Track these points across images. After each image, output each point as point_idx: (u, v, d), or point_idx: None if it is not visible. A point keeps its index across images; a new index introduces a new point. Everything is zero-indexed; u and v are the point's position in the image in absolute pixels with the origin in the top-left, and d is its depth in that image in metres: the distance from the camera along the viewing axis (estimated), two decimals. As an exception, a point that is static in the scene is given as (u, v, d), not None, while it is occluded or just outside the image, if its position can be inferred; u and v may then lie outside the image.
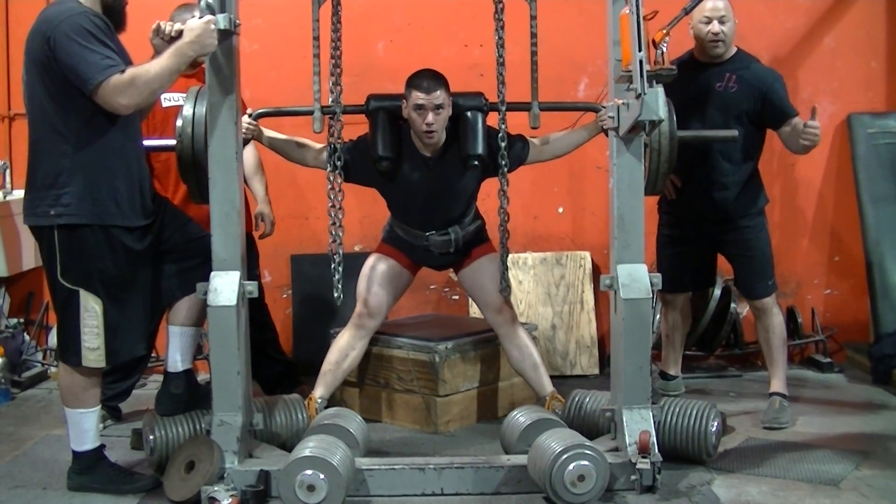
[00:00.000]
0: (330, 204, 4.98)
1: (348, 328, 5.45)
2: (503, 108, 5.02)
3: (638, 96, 4.13)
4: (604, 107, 4.92)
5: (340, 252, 4.97)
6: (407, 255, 5.48)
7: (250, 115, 5.04)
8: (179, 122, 4.73)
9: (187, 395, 4.79)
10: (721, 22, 5.42)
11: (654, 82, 4.22)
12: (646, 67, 4.10)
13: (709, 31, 5.42)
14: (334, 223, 4.98)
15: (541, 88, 5.12)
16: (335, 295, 4.96)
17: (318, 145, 5.15)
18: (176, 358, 4.78)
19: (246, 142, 4.93)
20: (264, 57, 6.64)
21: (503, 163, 5.01)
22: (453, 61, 5.21)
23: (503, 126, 5.00)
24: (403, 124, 5.16)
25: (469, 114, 5.16)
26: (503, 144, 5.00)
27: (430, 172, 5.19)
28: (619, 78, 4.44)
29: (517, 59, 5.05)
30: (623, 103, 4.48)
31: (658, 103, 4.15)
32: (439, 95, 4.98)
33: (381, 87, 5.34)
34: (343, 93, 5.04)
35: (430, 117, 4.99)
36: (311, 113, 5.05)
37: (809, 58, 6.87)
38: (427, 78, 5.01)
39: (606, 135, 4.87)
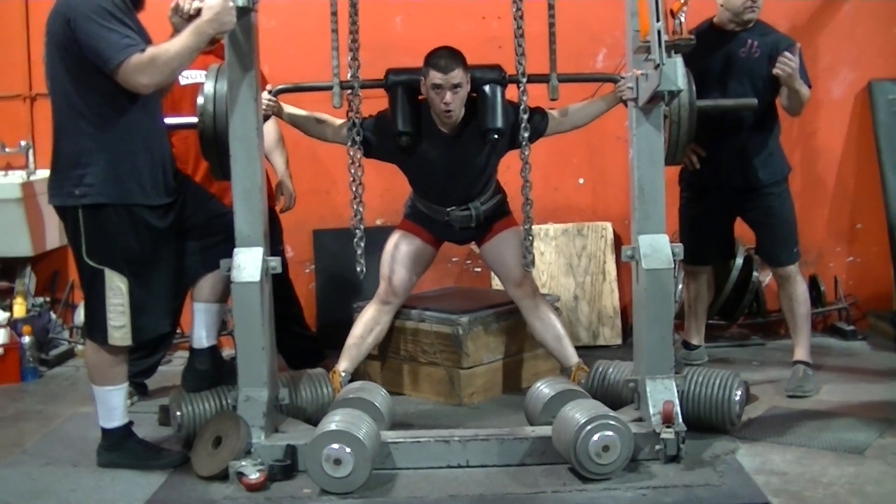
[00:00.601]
0: (351, 179, 5.00)
1: (373, 303, 5.48)
2: (523, 81, 4.98)
3: (656, 67, 4.13)
4: (622, 77, 4.91)
5: (362, 227, 4.98)
6: (429, 230, 5.49)
7: (270, 91, 5.05)
8: (200, 100, 4.75)
9: (213, 371, 4.83)
10: None
11: (673, 52, 4.21)
12: (664, 37, 4.09)
13: None
14: (355, 198, 5.00)
15: (559, 60, 5.11)
16: (358, 269, 4.97)
17: (338, 121, 5.16)
18: (201, 334, 4.82)
19: (266, 117, 4.94)
20: (282, 33, 6.64)
21: (525, 135, 4.98)
22: (471, 34, 5.22)
23: (524, 98, 4.97)
24: (423, 100, 5.17)
25: (488, 88, 5.14)
26: (524, 117, 4.96)
27: (450, 148, 5.19)
28: (637, 49, 4.43)
29: (535, 32, 5.04)
30: (642, 74, 4.47)
31: (677, 73, 4.15)
32: (456, 74, 4.97)
33: (399, 61, 5.32)
34: (361, 68, 5.03)
35: (448, 97, 4.99)
36: (330, 88, 5.05)
37: (829, 25, 6.83)
38: (444, 57, 5.00)
39: (625, 105, 4.86)
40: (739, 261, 6.41)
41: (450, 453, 4.53)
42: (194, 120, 4.83)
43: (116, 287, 4.43)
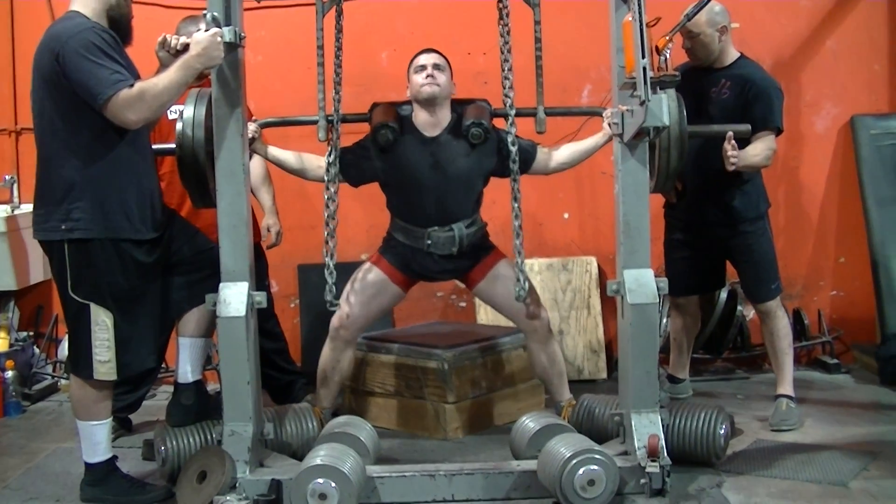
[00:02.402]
0: (327, 214, 4.97)
1: (327, 343, 5.39)
2: (511, 113, 4.96)
3: (642, 103, 4.15)
4: (606, 108, 4.95)
5: (333, 262, 4.95)
6: (402, 270, 5.34)
7: (255, 122, 5.07)
8: (179, 126, 4.73)
9: (198, 405, 4.81)
10: (689, 37, 5.44)
11: (658, 88, 4.24)
12: (649, 74, 4.11)
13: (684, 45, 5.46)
14: (330, 234, 4.97)
15: (544, 95, 5.14)
16: (327, 299, 4.95)
17: (321, 159, 5.12)
18: (186, 369, 4.81)
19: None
20: (269, 68, 6.68)
21: (514, 167, 4.94)
22: (457, 69, 5.22)
23: (512, 129, 4.95)
24: (405, 115, 5.20)
25: (474, 104, 5.24)
26: (513, 149, 4.92)
27: (433, 151, 5.14)
28: (622, 84, 4.44)
29: (520, 66, 5.05)
30: (627, 109, 4.50)
31: (662, 109, 4.17)
32: (438, 57, 5.13)
33: (384, 96, 5.35)
34: (347, 103, 5.07)
35: (430, 69, 5.08)
36: (315, 122, 5.07)
37: (812, 60, 6.89)
38: (425, 49, 5.19)
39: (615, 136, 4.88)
40: (724, 295, 6.45)
41: (435, 488, 4.51)
42: (173, 146, 4.81)
43: (102, 322, 4.42)
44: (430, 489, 4.51)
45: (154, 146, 4.89)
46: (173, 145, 4.82)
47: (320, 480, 4.19)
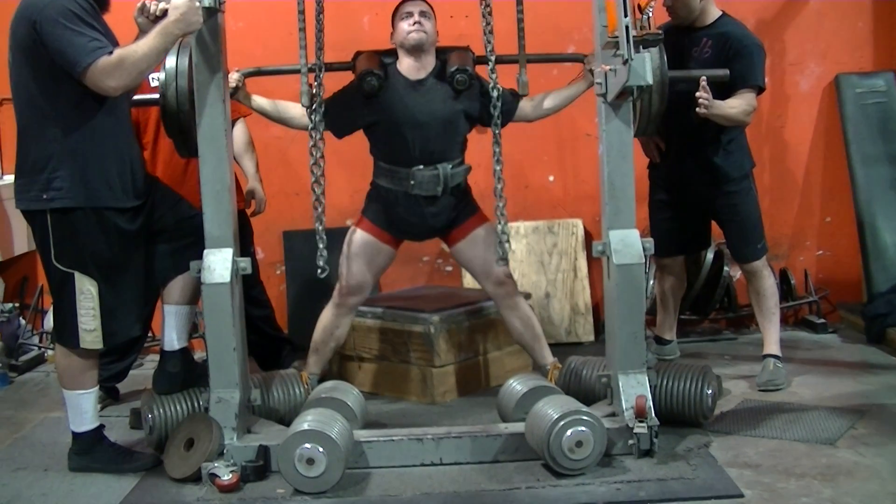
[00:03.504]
0: (312, 161, 4.94)
1: (329, 307, 5.39)
2: (492, 59, 4.96)
3: (625, 62, 4.13)
4: (588, 55, 5.03)
5: (322, 225, 4.93)
6: (386, 228, 5.32)
7: (237, 71, 5.06)
8: (162, 76, 4.70)
9: (184, 373, 4.80)
10: None
11: (641, 48, 4.22)
12: (632, 33, 4.10)
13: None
14: (318, 199, 4.94)
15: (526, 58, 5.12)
16: (319, 265, 4.92)
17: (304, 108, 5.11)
18: (172, 337, 4.79)
19: (232, 94, 4.94)
20: (250, 34, 6.63)
21: (496, 113, 4.95)
22: (439, 33, 5.21)
23: (493, 76, 4.96)
24: (390, 63, 5.21)
25: (458, 51, 5.25)
26: (494, 94, 4.95)
27: (418, 94, 5.14)
28: (605, 44, 4.44)
29: (502, 29, 5.03)
30: (610, 69, 4.47)
31: (645, 68, 4.15)
32: (425, 5, 5.16)
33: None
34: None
35: (417, 17, 5.09)
36: (297, 71, 5.03)
37: (795, 19, 6.86)
38: None
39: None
40: (710, 256, 6.45)
41: (423, 451, 4.52)
42: (156, 96, 4.79)
43: (87, 291, 4.41)
44: (417, 453, 4.52)
45: (137, 97, 4.88)
46: (156, 96, 4.79)
47: (308, 445, 4.19)
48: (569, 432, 4.26)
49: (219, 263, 4.58)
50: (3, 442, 5.15)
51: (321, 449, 4.19)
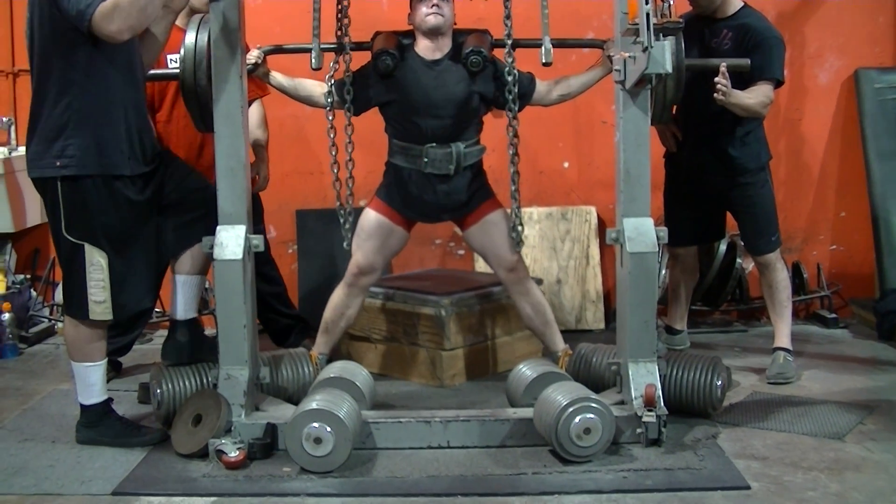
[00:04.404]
0: (333, 143, 5.02)
1: (341, 286, 5.36)
2: (510, 42, 4.97)
3: (644, 49, 4.11)
4: (608, 40, 5.01)
5: (350, 205, 4.98)
6: (399, 210, 5.31)
7: (258, 48, 5.07)
8: (182, 51, 4.73)
9: (192, 344, 4.81)
10: None
11: (661, 35, 4.20)
12: (652, 20, 4.08)
13: None
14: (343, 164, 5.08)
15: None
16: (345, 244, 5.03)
17: (324, 86, 5.13)
18: (182, 306, 4.80)
19: (251, 71, 4.94)
20: (268, 11, 6.61)
21: (511, 97, 4.97)
22: (458, 15, 5.17)
23: (510, 59, 4.97)
24: (407, 43, 5.20)
25: (475, 33, 5.21)
26: (510, 78, 4.95)
27: (433, 75, 5.13)
28: (625, 31, 4.41)
29: (521, 14, 5.02)
30: (629, 56, 4.45)
31: (665, 56, 4.13)
32: None
33: (385, 42, 5.30)
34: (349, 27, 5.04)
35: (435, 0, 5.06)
36: (326, 50, 5.07)
37: (816, 13, 6.83)
38: None
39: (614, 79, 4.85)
40: (723, 247, 6.43)
41: (431, 434, 4.52)
42: (176, 71, 4.84)
43: (97, 262, 4.41)
44: (425, 435, 4.52)
45: (154, 71, 4.91)
46: (176, 71, 4.84)
47: (315, 424, 4.20)
48: (577, 419, 4.26)
49: (231, 240, 4.58)
50: (12, 412, 5.16)
51: (329, 428, 4.19)
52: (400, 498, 4.05)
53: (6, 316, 6.29)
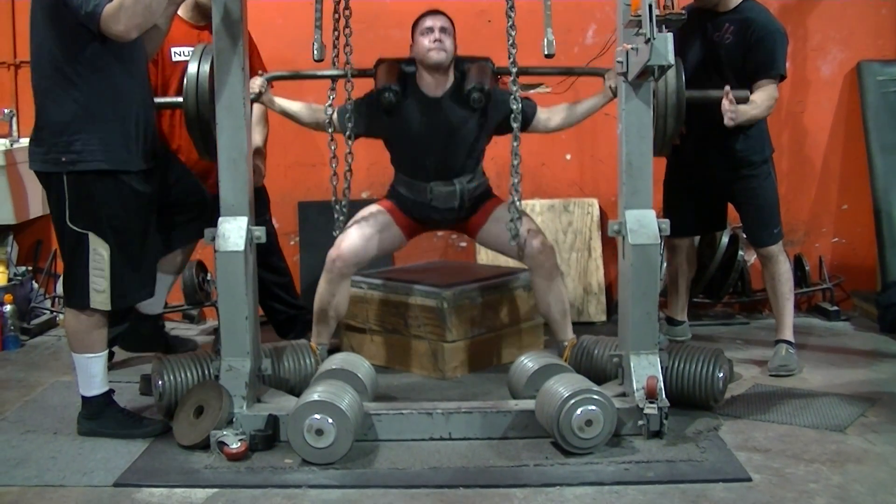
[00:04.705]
0: (332, 156, 5.00)
1: (322, 276, 5.35)
2: (514, 71, 4.95)
3: (647, 41, 4.10)
4: (609, 70, 4.99)
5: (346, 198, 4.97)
6: (406, 213, 5.37)
7: (262, 76, 5.12)
8: (185, 79, 4.81)
9: (153, 338, 4.87)
10: None
11: (664, 27, 4.19)
12: (655, 12, 4.07)
13: None
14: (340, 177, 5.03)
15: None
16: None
17: (329, 109, 5.13)
18: (154, 302, 4.88)
19: (255, 99, 5.00)
20: (270, 2, 6.60)
21: (516, 126, 4.96)
22: (461, 7, 5.18)
23: (515, 88, 4.96)
24: (409, 73, 5.19)
25: (477, 63, 5.22)
26: (515, 107, 4.94)
27: (435, 113, 5.16)
28: (627, 23, 4.40)
29: (524, 5, 5.01)
30: (632, 48, 4.44)
31: (667, 48, 4.11)
32: (444, 20, 5.11)
33: (388, 34, 5.32)
34: (351, 37, 5.01)
35: (437, 34, 5.06)
36: (325, 77, 5.12)
37: (819, 6, 6.81)
38: (431, 10, 5.15)
39: (616, 97, 4.86)
40: (725, 240, 6.42)
41: (432, 426, 4.52)
42: (179, 99, 4.91)
43: (98, 253, 4.43)
44: (427, 427, 4.52)
45: (160, 100, 4.98)
46: (180, 99, 4.91)
47: (317, 416, 4.20)
48: (579, 411, 4.25)
49: (233, 232, 4.58)
50: (14, 404, 5.16)
51: (330, 420, 4.19)
52: (402, 489, 4.04)
53: (8, 308, 6.29)
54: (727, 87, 5.07)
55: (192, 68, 4.82)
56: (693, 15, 5.23)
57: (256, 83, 5.02)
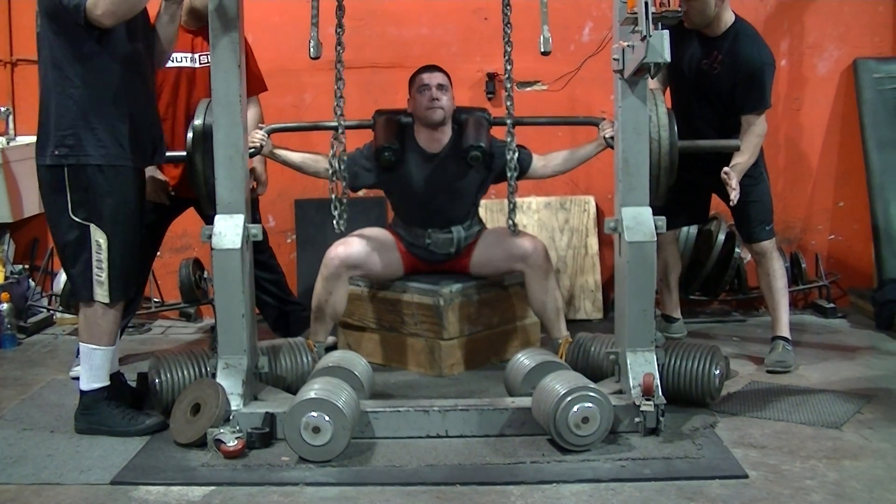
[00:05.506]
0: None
1: (319, 275, 5.45)
2: (510, 121, 5.04)
3: (643, 38, 4.10)
4: (604, 118, 5.16)
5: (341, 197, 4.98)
6: (406, 246, 5.55)
7: (262, 129, 5.21)
8: (190, 135, 4.85)
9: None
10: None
11: (660, 25, 4.19)
12: (651, 9, 4.07)
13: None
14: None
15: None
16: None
17: (326, 161, 5.20)
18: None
19: (254, 154, 5.09)
20: (269, 2, 6.61)
21: (512, 176, 5.06)
22: (457, 6, 5.18)
23: (510, 139, 5.05)
24: (407, 125, 5.32)
25: (474, 116, 5.34)
26: (512, 156, 5.04)
27: (433, 168, 5.31)
28: (624, 20, 4.40)
29: (520, 3, 5.01)
30: (628, 45, 4.45)
31: (663, 45, 4.11)
32: (441, 76, 5.23)
33: (383, 32, 5.30)
34: (346, 36, 5.00)
35: (434, 92, 5.17)
36: (325, 128, 5.23)
37: (816, 3, 6.81)
38: (428, 66, 5.28)
39: (612, 148, 4.91)
40: (721, 237, 6.42)
41: (429, 423, 4.52)
42: (183, 153, 4.96)
43: (97, 243, 4.46)
44: (423, 425, 4.52)
45: (168, 153, 5.00)
46: (184, 153, 4.93)
47: (314, 413, 4.20)
48: (575, 408, 4.26)
49: (230, 229, 4.58)
50: (11, 402, 5.16)
51: (327, 418, 4.20)
52: (398, 487, 4.05)
53: (4, 306, 6.29)
54: (725, 169, 5.16)
55: (196, 123, 4.85)
56: (680, 33, 5.21)
57: (257, 136, 5.11)
